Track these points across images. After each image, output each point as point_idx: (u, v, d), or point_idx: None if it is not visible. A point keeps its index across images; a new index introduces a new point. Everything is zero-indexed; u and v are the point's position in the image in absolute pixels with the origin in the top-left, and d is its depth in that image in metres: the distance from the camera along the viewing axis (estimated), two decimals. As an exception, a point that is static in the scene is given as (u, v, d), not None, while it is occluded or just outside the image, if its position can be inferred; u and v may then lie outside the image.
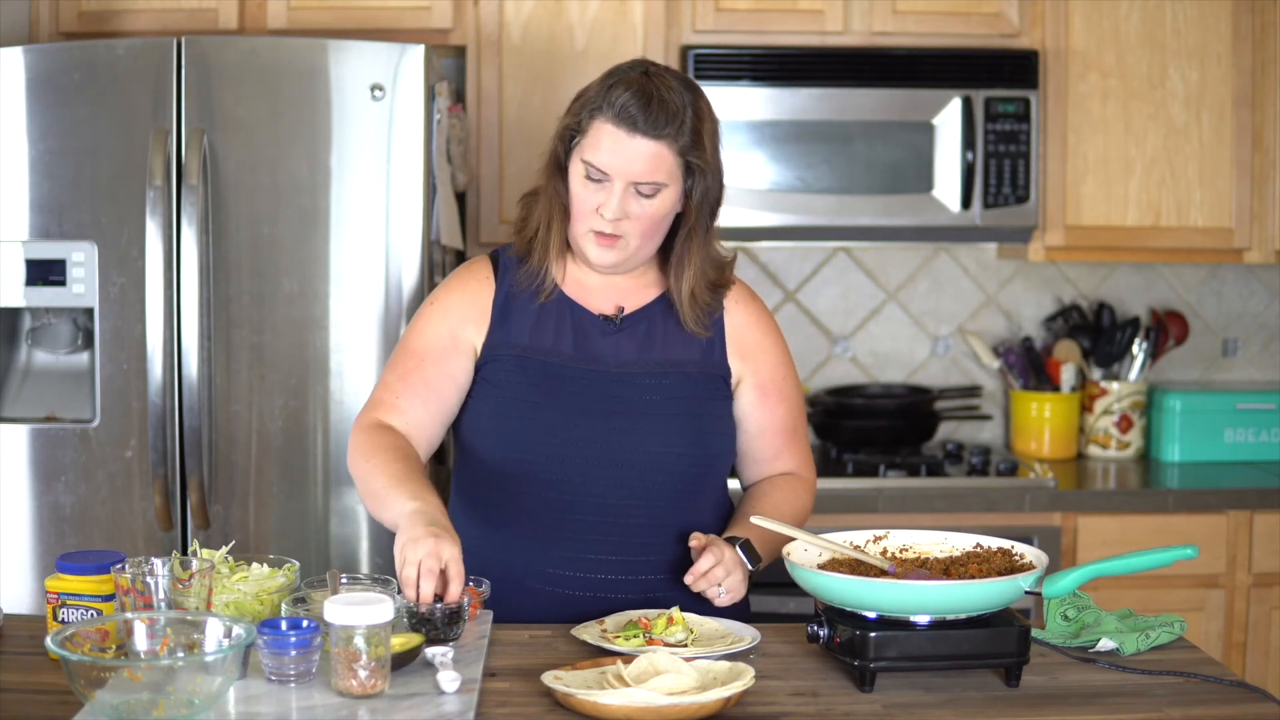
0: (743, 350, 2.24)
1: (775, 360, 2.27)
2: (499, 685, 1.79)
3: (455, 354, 2.18)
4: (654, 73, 2.12)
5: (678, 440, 2.15)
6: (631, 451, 2.13)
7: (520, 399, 2.14)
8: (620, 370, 2.16)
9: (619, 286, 2.22)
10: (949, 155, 3.53)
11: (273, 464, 3.05)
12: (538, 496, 2.13)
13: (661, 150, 2.08)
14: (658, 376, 2.17)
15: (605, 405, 2.14)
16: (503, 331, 2.18)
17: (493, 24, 3.53)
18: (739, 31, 3.57)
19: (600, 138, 2.09)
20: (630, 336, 2.19)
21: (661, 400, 2.16)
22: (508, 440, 2.14)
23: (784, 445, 2.28)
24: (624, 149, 2.07)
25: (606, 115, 2.08)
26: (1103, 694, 1.79)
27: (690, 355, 2.20)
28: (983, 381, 3.99)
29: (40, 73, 3.02)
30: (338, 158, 3.03)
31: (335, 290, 3.04)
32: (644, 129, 2.06)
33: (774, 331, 2.29)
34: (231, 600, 1.89)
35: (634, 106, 2.06)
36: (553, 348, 2.17)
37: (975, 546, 1.98)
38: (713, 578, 2.05)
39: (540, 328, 2.18)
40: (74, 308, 3.09)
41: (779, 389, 2.26)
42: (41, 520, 3.06)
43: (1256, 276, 4.01)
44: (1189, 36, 3.60)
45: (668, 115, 2.07)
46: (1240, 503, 3.43)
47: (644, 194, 2.10)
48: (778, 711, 1.72)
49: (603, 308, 2.21)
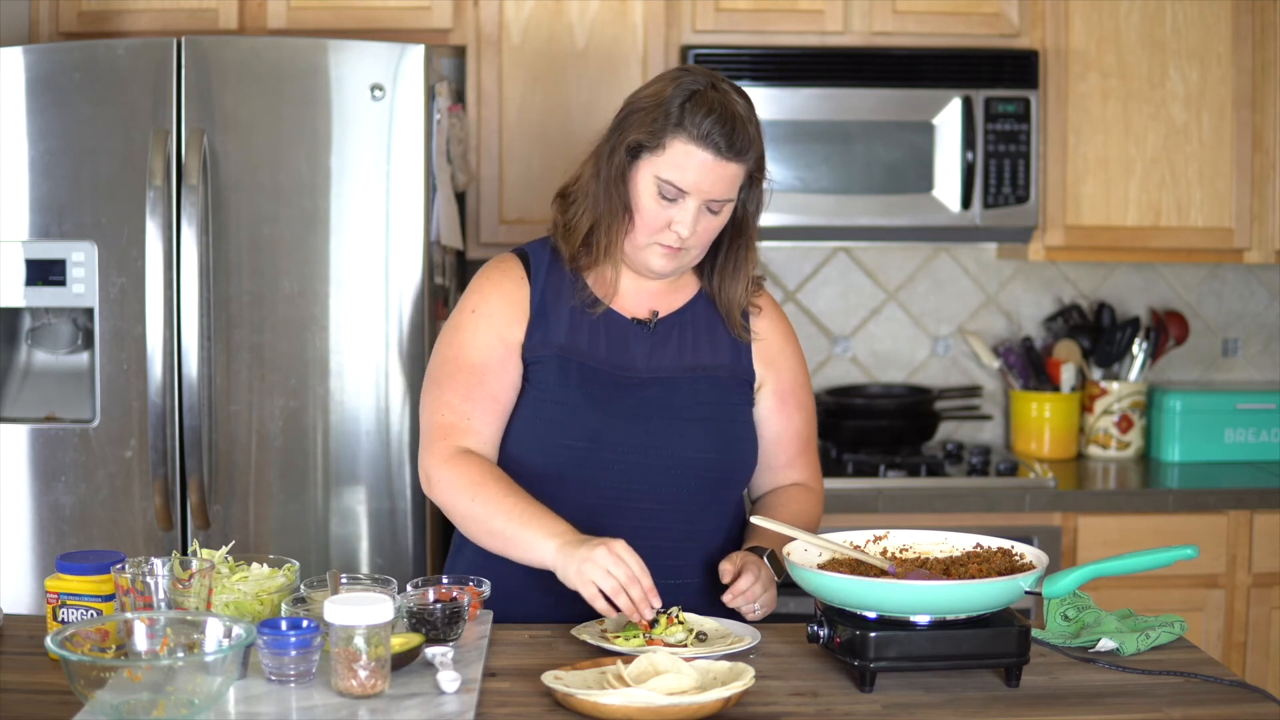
0: (767, 357, 2.25)
1: (796, 369, 2.29)
2: (499, 685, 1.79)
3: (511, 360, 2.15)
4: (721, 87, 2.09)
5: (710, 445, 2.15)
6: (665, 456, 2.13)
7: (558, 401, 2.13)
8: (653, 375, 2.16)
9: (651, 290, 2.22)
10: (949, 155, 3.53)
11: (273, 464, 3.05)
12: (572, 500, 2.10)
13: (740, 171, 2.10)
14: (690, 381, 2.17)
15: (639, 409, 2.13)
16: (541, 332, 2.15)
17: (493, 24, 3.53)
18: (739, 31, 3.57)
19: (683, 159, 2.06)
20: (663, 341, 2.19)
21: (693, 405, 2.16)
22: (544, 442, 2.13)
23: (797, 454, 2.29)
24: (709, 172, 2.06)
25: (691, 136, 2.05)
26: (1103, 694, 1.79)
27: (720, 360, 2.21)
28: (983, 381, 3.99)
29: (40, 73, 3.02)
30: (338, 158, 3.03)
31: (335, 290, 3.04)
32: (728, 154, 2.06)
33: (795, 341, 2.32)
34: (231, 600, 1.89)
35: (719, 133, 2.05)
36: (588, 350, 2.15)
37: (975, 546, 1.98)
38: (751, 595, 2.06)
39: (575, 330, 2.16)
40: (74, 308, 3.09)
41: (798, 398, 2.28)
42: (41, 520, 3.06)
43: (1256, 276, 4.01)
44: (1189, 36, 3.60)
45: (748, 139, 2.08)
46: (1240, 503, 3.43)
47: (713, 210, 2.11)
48: (778, 711, 1.72)
49: (635, 311, 2.20)
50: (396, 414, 3.04)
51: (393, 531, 3.05)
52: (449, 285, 3.38)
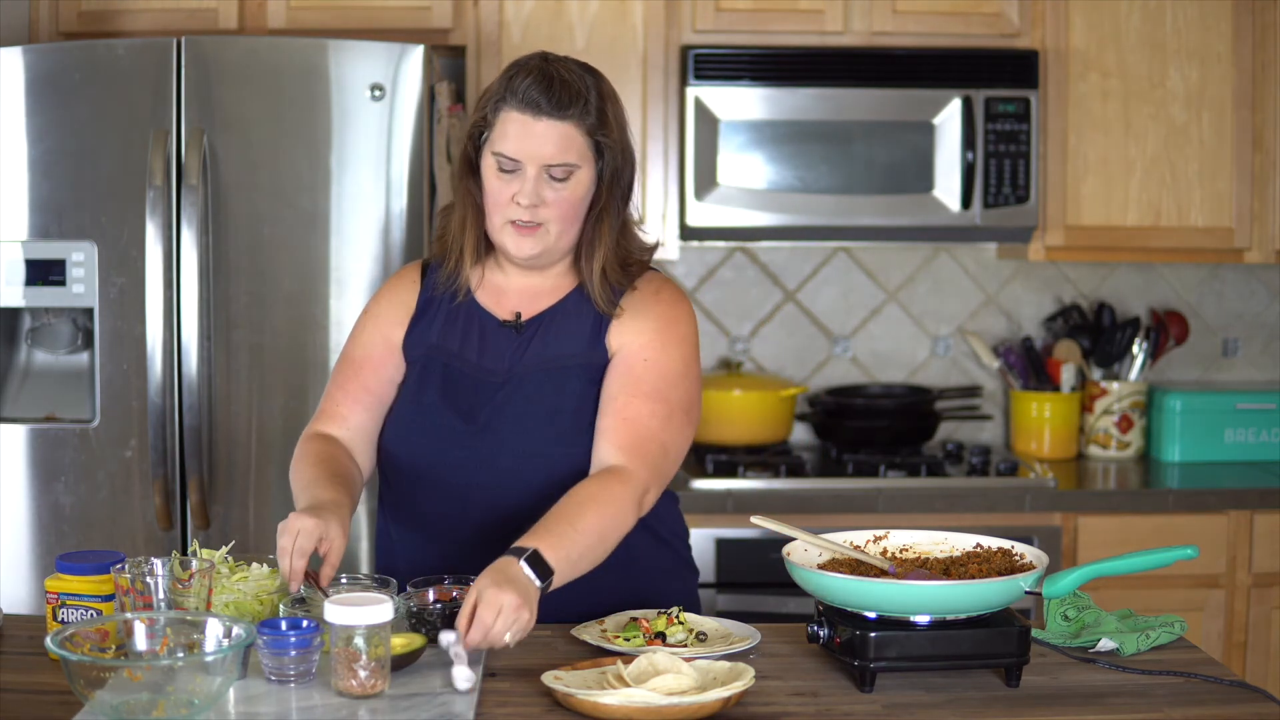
0: (621, 333, 2.14)
1: (650, 341, 2.12)
2: (499, 685, 1.79)
3: (390, 357, 2.21)
4: (552, 59, 2.11)
5: (555, 436, 2.11)
6: (519, 453, 2.10)
7: (419, 400, 2.16)
8: (511, 374, 2.14)
9: (533, 288, 2.19)
10: (949, 155, 3.53)
11: (273, 464, 3.05)
12: (432, 498, 2.14)
13: (569, 130, 2.07)
14: (541, 375, 2.13)
15: (496, 409, 2.12)
16: (417, 332, 2.20)
17: (493, 24, 3.53)
18: (739, 31, 3.57)
19: (507, 126, 2.07)
20: (528, 340, 2.16)
21: (540, 398, 2.12)
22: (407, 440, 2.15)
23: (614, 417, 2.08)
24: (532, 133, 2.06)
25: (511, 104, 2.07)
26: (1103, 694, 1.79)
27: (577, 349, 2.14)
28: (983, 381, 3.99)
29: (40, 73, 3.02)
30: (338, 158, 3.03)
31: (335, 290, 3.04)
32: (549, 111, 2.05)
33: (665, 318, 2.15)
34: (231, 600, 1.89)
35: (535, 90, 2.05)
36: (458, 351, 2.17)
37: (975, 546, 1.98)
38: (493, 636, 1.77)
39: (449, 331, 2.19)
40: (74, 308, 3.09)
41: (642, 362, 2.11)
42: (41, 520, 3.06)
43: (1256, 276, 4.01)
44: (1189, 36, 3.60)
45: (571, 95, 2.06)
46: (1240, 503, 3.43)
47: (557, 178, 2.08)
48: (778, 711, 1.72)
49: (506, 313, 2.19)
50: (396, 414, 3.04)
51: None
52: (449, 285, 3.37)
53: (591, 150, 2.10)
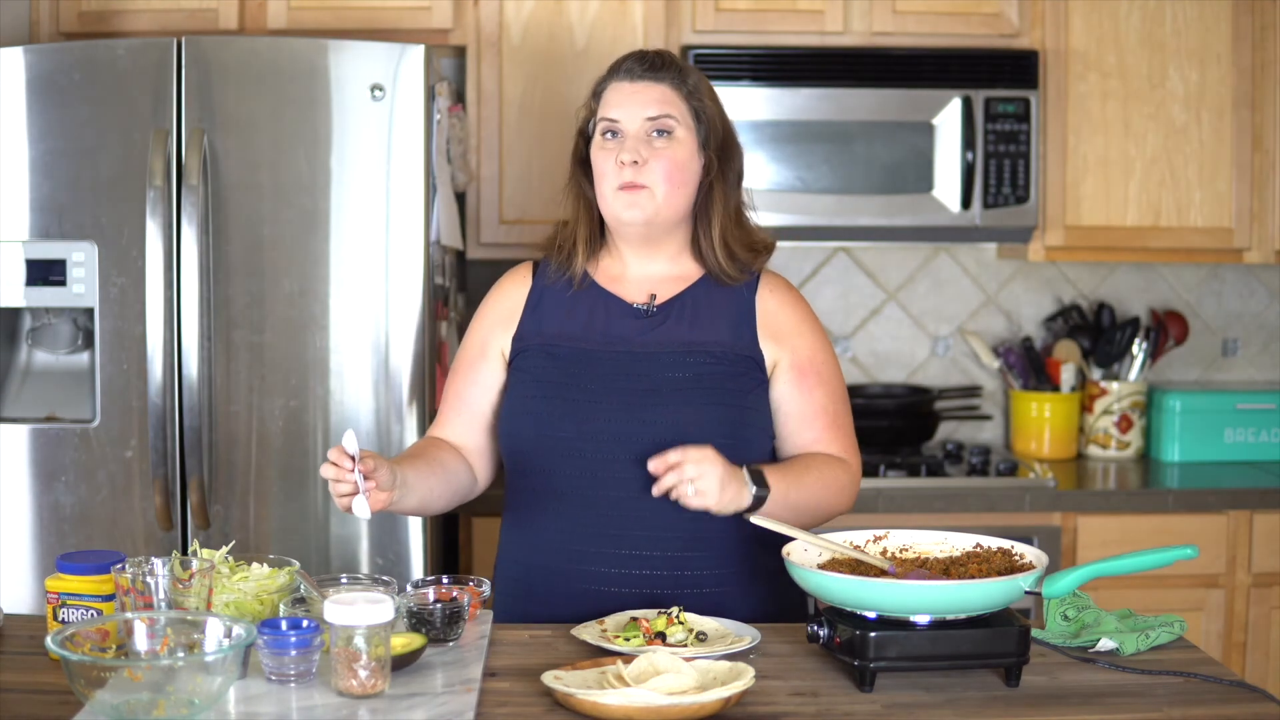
0: (776, 334, 2.22)
1: (813, 344, 2.24)
2: (499, 685, 1.79)
3: (483, 361, 2.26)
4: (653, 49, 2.24)
5: (707, 418, 2.13)
6: (659, 428, 2.11)
7: (545, 380, 2.17)
8: (645, 350, 2.17)
9: (652, 277, 2.23)
10: (949, 155, 3.53)
11: (273, 464, 3.05)
12: (566, 478, 2.14)
13: (666, 91, 2.17)
14: (682, 355, 2.16)
15: (632, 383, 2.14)
16: (532, 324, 2.23)
17: (493, 24, 3.53)
18: (739, 31, 3.57)
19: (608, 96, 2.19)
20: (663, 323, 2.20)
21: (689, 379, 2.15)
22: (536, 423, 2.16)
23: (824, 430, 2.22)
24: (630, 94, 2.16)
25: (610, 79, 2.20)
26: (1103, 694, 1.79)
27: (719, 336, 2.19)
28: (983, 381, 3.99)
29: (40, 73, 3.02)
30: (338, 158, 3.03)
31: (335, 290, 3.04)
32: (644, 74, 2.17)
33: (810, 318, 2.27)
34: (231, 600, 1.89)
35: (631, 60, 2.20)
36: (583, 334, 2.20)
37: (975, 546, 1.98)
38: (682, 472, 1.97)
39: (572, 317, 2.22)
40: (74, 308, 3.09)
41: (817, 371, 2.23)
42: (41, 520, 3.06)
43: (1256, 276, 4.01)
44: (1189, 36, 3.60)
45: (664, 60, 2.19)
46: (1240, 503, 3.43)
47: (658, 134, 2.15)
48: (778, 711, 1.72)
49: (637, 298, 2.23)
50: (397, 414, 3.04)
51: (393, 531, 3.05)
52: (449, 285, 3.38)
53: (690, 116, 2.18)
